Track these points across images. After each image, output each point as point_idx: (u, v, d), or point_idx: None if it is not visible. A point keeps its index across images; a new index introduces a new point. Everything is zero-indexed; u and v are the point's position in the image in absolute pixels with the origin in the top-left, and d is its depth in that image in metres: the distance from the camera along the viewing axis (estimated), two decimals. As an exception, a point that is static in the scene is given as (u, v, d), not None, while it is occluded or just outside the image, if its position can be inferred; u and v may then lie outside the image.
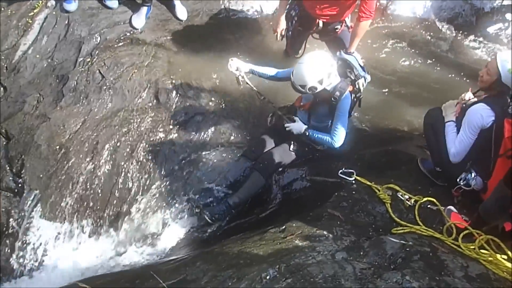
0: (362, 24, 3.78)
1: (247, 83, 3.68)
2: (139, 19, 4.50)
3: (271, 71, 3.73)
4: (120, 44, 4.39)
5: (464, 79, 5.03)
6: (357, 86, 3.50)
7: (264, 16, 5.20)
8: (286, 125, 3.56)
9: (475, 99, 3.23)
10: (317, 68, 3.21)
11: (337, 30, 4.08)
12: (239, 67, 3.65)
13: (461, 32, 5.87)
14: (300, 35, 4.27)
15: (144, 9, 4.49)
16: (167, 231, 3.50)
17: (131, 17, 4.51)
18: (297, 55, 4.52)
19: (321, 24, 4.01)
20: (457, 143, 3.09)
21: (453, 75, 5.18)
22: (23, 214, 3.46)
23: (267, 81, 3.94)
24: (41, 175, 3.58)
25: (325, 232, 2.77)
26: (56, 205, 3.48)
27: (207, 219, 3.34)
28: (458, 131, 3.14)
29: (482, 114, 2.96)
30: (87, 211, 3.50)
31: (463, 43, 5.78)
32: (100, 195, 3.55)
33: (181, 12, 4.78)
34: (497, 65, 2.97)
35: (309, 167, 3.65)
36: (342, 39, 4.08)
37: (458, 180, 3.10)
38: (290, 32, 4.25)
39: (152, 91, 4.10)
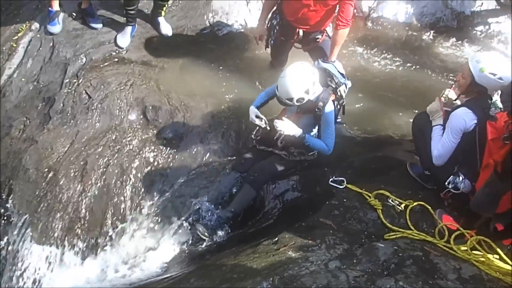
0: (340, 33, 3.82)
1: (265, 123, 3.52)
2: (124, 39, 4.52)
3: (263, 96, 3.70)
4: (106, 64, 4.39)
5: (448, 82, 5.10)
6: (339, 94, 3.52)
7: (248, 29, 5.23)
8: (276, 123, 3.36)
9: (455, 97, 3.28)
10: (301, 78, 3.21)
11: (318, 40, 4.12)
12: (257, 115, 3.52)
13: (443, 36, 5.97)
14: (283, 45, 4.30)
15: (128, 29, 4.51)
16: (160, 249, 3.47)
17: (115, 36, 4.52)
18: (282, 67, 4.55)
19: (301, 33, 4.04)
20: (440, 146, 3.13)
21: (437, 79, 5.26)
22: (13, 239, 3.42)
23: (237, 100, 4.10)
24: (30, 199, 3.54)
25: (317, 242, 2.78)
26: (46, 228, 3.44)
27: (200, 235, 3.33)
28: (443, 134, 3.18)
29: (464, 119, 3.00)
30: (79, 233, 3.46)
31: (445, 47, 5.87)
32: (91, 216, 3.51)
33: (166, 29, 4.81)
34: (469, 68, 3.04)
35: (300, 177, 3.66)
36: (324, 48, 4.11)
37: (446, 183, 3.13)
38: (272, 42, 4.29)
39: (140, 110, 4.11)
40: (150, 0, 4.74)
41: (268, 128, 3.50)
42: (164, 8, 4.75)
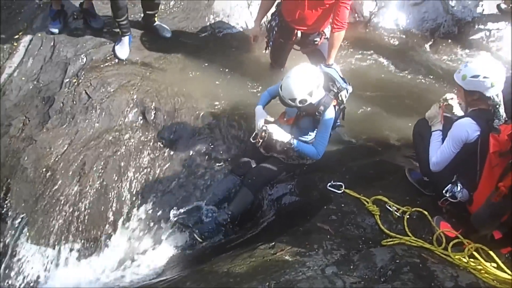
0: (335, 35, 3.83)
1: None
2: (123, 50, 4.47)
3: (266, 95, 3.72)
4: (106, 64, 4.40)
5: (449, 88, 5.09)
6: (340, 99, 3.53)
7: (249, 31, 5.22)
8: (267, 127, 3.38)
9: (456, 104, 3.28)
10: (306, 80, 3.20)
11: (316, 42, 4.12)
12: (267, 119, 3.56)
13: (444, 42, 5.97)
14: (282, 46, 4.30)
15: (125, 39, 4.46)
16: (157, 251, 3.46)
17: (113, 47, 4.48)
18: (281, 68, 4.54)
19: (299, 35, 4.04)
20: (439, 153, 3.12)
21: (437, 85, 5.25)
22: (9, 238, 3.42)
23: (237, 103, 4.20)
24: (27, 199, 3.54)
25: (315, 247, 2.77)
26: (43, 228, 3.44)
27: (197, 238, 3.32)
28: (443, 140, 3.17)
29: (467, 130, 2.98)
30: (75, 234, 3.45)
31: (446, 53, 5.86)
32: (88, 217, 3.51)
33: (164, 31, 4.81)
34: (456, 81, 3.09)
35: (298, 181, 3.65)
36: (322, 51, 4.11)
37: (444, 192, 3.12)
38: (271, 43, 4.30)
39: (140, 111, 4.10)
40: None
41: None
42: (156, 16, 4.74)
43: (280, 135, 3.39)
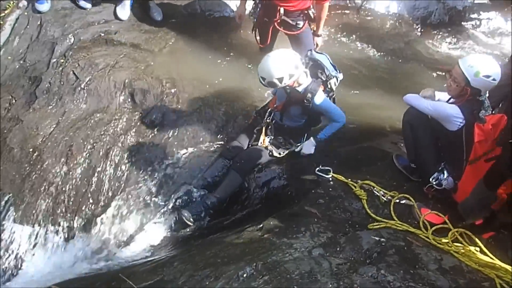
0: (320, 7, 4.05)
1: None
2: (124, 10, 4.52)
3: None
4: (95, 44, 4.34)
5: (438, 76, 5.13)
6: (329, 86, 3.53)
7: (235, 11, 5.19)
8: (297, 149, 3.66)
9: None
10: (281, 65, 3.23)
11: (299, 27, 4.16)
12: None
13: (434, 30, 6.00)
14: (267, 25, 4.29)
15: (127, 1, 4.51)
16: (144, 232, 3.46)
17: (115, 9, 4.53)
18: (266, 44, 4.49)
19: (282, 11, 4.06)
20: (416, 100, 3.29)
21: (427, 73, 5.29)
22: (-5, 218, 3.39)
23: (226, 85, 4.27)
24: (14, 179, 3.49)
25: (302, 229, 2.79)
26: (30, 208, 3.40)
27: (185, 220, 3.32)
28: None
29: (452, 111, 3.03)
30: (62, 214, 3.42)
31: (437, 41, 5.91)
32: (75, 197, 3.48)
33: (157, 13, 4.76)
34: (463, 72, 2.99)
35: (286, 165, 3.66)
36: (304, 38, 4.22)
37: (431, 179, 3.17)
38: (256, 20, 4.35)
39: (128, 92, 4.06)
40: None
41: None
42: None
43: (307, 146, 3.63)
